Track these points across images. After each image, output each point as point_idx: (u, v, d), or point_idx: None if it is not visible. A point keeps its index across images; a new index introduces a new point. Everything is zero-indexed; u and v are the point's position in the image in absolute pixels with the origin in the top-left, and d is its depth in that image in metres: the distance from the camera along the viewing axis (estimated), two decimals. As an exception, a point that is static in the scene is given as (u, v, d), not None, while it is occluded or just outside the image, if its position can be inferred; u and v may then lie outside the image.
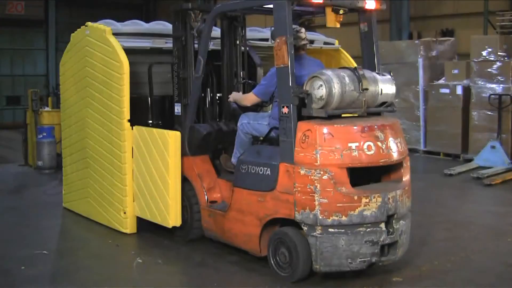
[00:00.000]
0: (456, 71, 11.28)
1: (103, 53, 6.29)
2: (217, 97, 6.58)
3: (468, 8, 14.56)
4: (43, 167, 10.08)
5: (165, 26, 6.92)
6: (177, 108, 6.09)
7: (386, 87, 4.94)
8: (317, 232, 4.51)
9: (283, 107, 4.68)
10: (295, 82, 4.68)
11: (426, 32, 15.22)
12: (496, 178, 9.07)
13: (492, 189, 8.64)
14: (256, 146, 5.36)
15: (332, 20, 4.94)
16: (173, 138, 5.70)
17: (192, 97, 5.88)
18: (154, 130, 5.91)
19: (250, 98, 5.58)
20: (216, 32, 6.37)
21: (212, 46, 6.86)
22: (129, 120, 6.08)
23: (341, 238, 4.51)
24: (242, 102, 5.72)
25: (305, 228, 4.58)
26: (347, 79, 4.67)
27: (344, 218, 4.48)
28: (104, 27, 6.28)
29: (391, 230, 4.66)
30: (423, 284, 4.83)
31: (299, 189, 4.58)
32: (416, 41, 12.56)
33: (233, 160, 5.68)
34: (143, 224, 6.21)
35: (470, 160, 10.49)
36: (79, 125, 6.91)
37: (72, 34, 7.01)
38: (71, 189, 7.22)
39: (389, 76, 5.05)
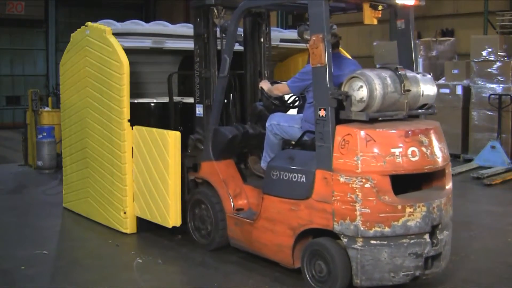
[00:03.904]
0: (456, 71, 11.28)
1: (103, 53, 6.29)
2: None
3: (468, 8, 14.57)
4: (43, 167, 10.08)
5: (165, 26, 6.92)
6: (199, 110, 5.84)
7: (427, 88, 4.63)
8: (358, 244, 4.20)
9: (320, 109, 4.37)
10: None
11: (426, 32, 15.22)
12: (496, 178, 9.07)
13: (492, 189, 8.64)
14: (288, 151, 5.04)
15: (369, 16, 4.64)
16: (173, 138, 5.69)
17: (216, 98, 5.56)
18: (154, 130, 5.90)
19: (281, 89, 5.30)
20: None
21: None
22: (129, 120, 6.08)
23: (383, 251, 4.20)
24: (272, 91, 5.41)
25: (344, 240, 4.27)
26: (388, 80, 4.37)
27: (387, 229, 4.18)
28: (104, 27, 6.27)
29: (435, 241, 4.36)
30: (423, 284, 4.83)
31: (338, 198, 4.26)
32: (416, 41, 12.57)
33: (262, 163, 5.41)
34: (143, 224, 6.20)
35: (470, 160, 10.49)
36: (79, 125, 6.92)
37: (72, 34, 7.01)
38: (71, 189, 7.22)
39: (429, 76, 4.77)
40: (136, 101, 6.49)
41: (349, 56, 6.28)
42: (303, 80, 4.92)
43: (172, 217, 5.73)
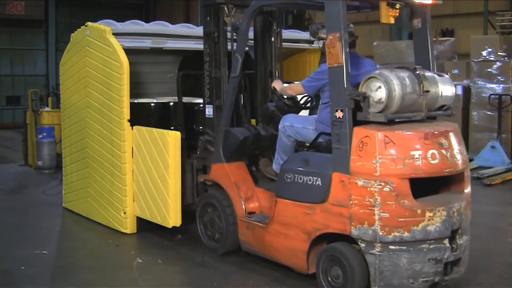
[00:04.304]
0: (456, 71, 11.28)
1: (103, 53, 6.29)
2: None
3: (468, 8, 14.55)
4: (43, 167, 10.09)
5: (165, 26, 6.92)
6: (209, 111, 5.73)
7: (445, 88, 4.52)
8: (377, 249, 4.09)
9: (337, 110, 4.25)
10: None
11: (426, 32, 15.20)
12: (496, 178, 9.07)
13: (492, 189, 8.64)
14: (303, 153, 4.92)
15: (386, 15, 4.52)
16: (173, 138, 5.69)
17: (227, 98, 5.46)
18: (154, 130, 5.90)
19: (295, 89, 5.19)
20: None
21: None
22: (129, 120, 6.08)
23: (402, 256, 4.09)
24: (286, 91, 5.30)
25: (362, 245, 4.16)
26: (407, 80, 4.25)
27: (406, 234, 4.06)
28: (104, 27, 6.27)
29: (454, 246, 4.26)
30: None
31: (355, 201, 4.15)
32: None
33: (275, 166, 5.32)
34: (143, 224, 6.20)
35: (470, 160, 10.41)
36: (79, 125, 6.92)
37: (72, 34, 7.02)
38: (71, 189, 7.22)
39: (447, 77, 4.65)
40: (136, 101, 6.50)
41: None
42: (318, 80, 4.83)
43: (172, 217, 5.73)
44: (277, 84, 5.44)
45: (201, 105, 5.97)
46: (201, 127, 6.08)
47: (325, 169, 4.38)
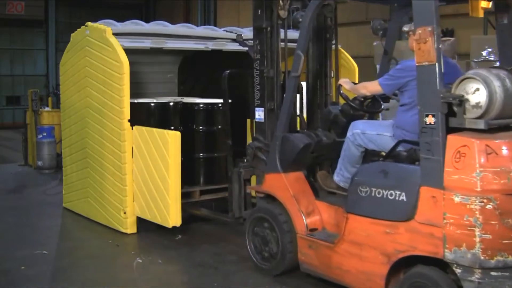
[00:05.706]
0: (456, 71, 11.26)
1: (103, 53, 6.29)
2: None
3: (468, 8, 14.54)
4: (43, 167, 10.10)
5: (165, 26, 6.92)
6: (259, 114, 5.25)
7: None
8: (477, 276, 3.57)
9: (427, 115, 3.76)
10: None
11: (426, 32, 15.20)
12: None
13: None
14: (380, 164, 4.32)
15: (477, 8, 4.13)
16: (173, 138, 5.69)
17: (286, 100, 4.91)
18: (154, 130, 5.90)
19: (370, 87, 4.59)
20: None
21: (211, 46, 6.87)
22: (129, 120, 6.08)
23: (506, 284, 3.59)
24: (358, 90, 4.73)
25: (458, 271, 3.63)
26: (508, 81, 3.76)
27: (510, 258, 3.59)
28: (104, 27, 6.28)
29: None
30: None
31: (451, 220, 3.64)
32: (416, 41, 12.54)
33: (336, 178, 4.81)
34: (143, 224, 6.21)
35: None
36: (79, 125, 6.92)
37: (72, 34, 7.02)
38: (71, 189, 7.22)
39: None
40: (136, 101, 6.50)
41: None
42: (399, 78, 4.33)
43: (172, 217, 5.73)
44: (345, 83, 4.88)
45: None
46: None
47: (411, 183, 3.90)
